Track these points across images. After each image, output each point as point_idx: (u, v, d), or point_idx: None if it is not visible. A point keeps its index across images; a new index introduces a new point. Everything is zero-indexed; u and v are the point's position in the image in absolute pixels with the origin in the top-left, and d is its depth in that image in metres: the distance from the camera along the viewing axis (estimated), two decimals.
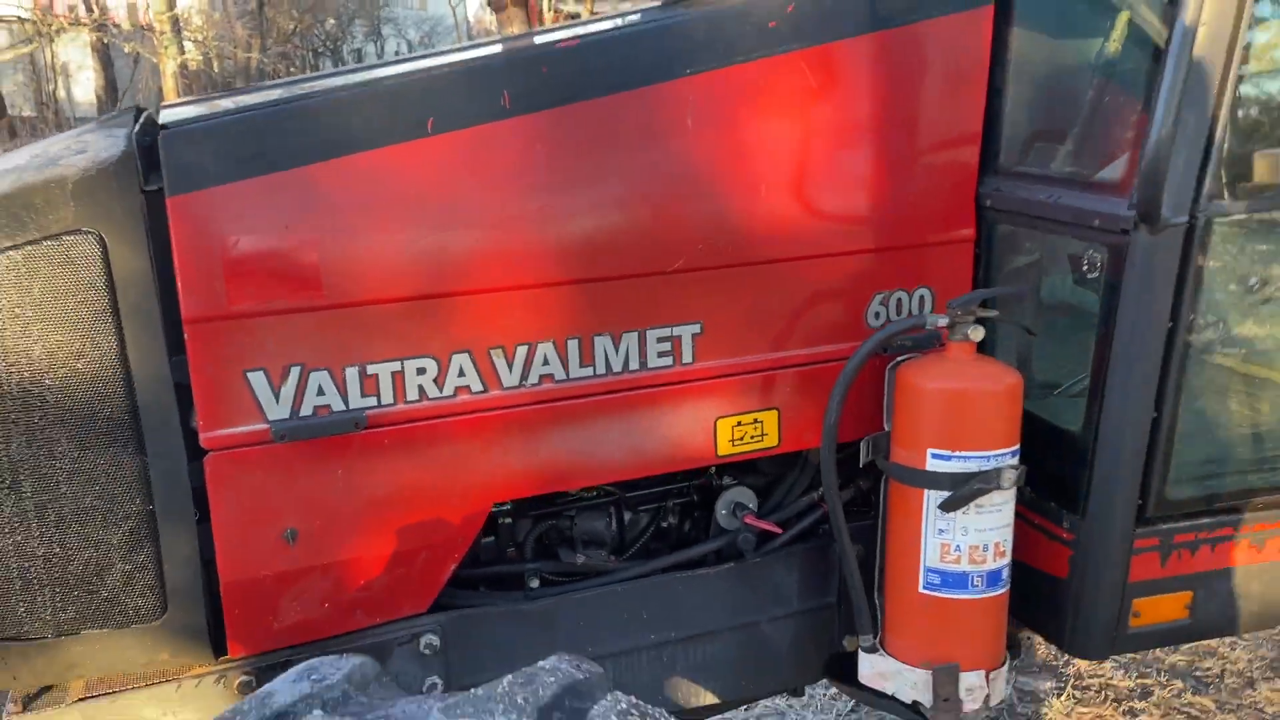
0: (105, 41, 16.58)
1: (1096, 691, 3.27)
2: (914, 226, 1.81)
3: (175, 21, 14.67)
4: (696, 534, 1.91)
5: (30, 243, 1.35)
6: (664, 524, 1.91)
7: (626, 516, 1.87)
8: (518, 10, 1.86)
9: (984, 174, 1.82)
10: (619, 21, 1.88)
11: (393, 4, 33.12)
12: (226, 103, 1.62)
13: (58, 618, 1.46)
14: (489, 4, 1.96)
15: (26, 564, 1.42)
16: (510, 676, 1.01)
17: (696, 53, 1.66)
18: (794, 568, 1.88)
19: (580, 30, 1.81)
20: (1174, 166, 1.51)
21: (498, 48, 1.77)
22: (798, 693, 2.31)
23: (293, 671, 1.11)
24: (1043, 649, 3.51)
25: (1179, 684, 3.27)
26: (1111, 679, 3.33)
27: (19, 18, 19.20)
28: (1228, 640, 3.52)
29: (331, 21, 31.45)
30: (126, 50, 13.60)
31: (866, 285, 1.80)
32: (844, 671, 1.93)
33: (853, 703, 3.27)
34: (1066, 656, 3.46)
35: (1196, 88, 1.49)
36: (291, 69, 23.74)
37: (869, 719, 3.19)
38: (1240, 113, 1.61)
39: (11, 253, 1.35)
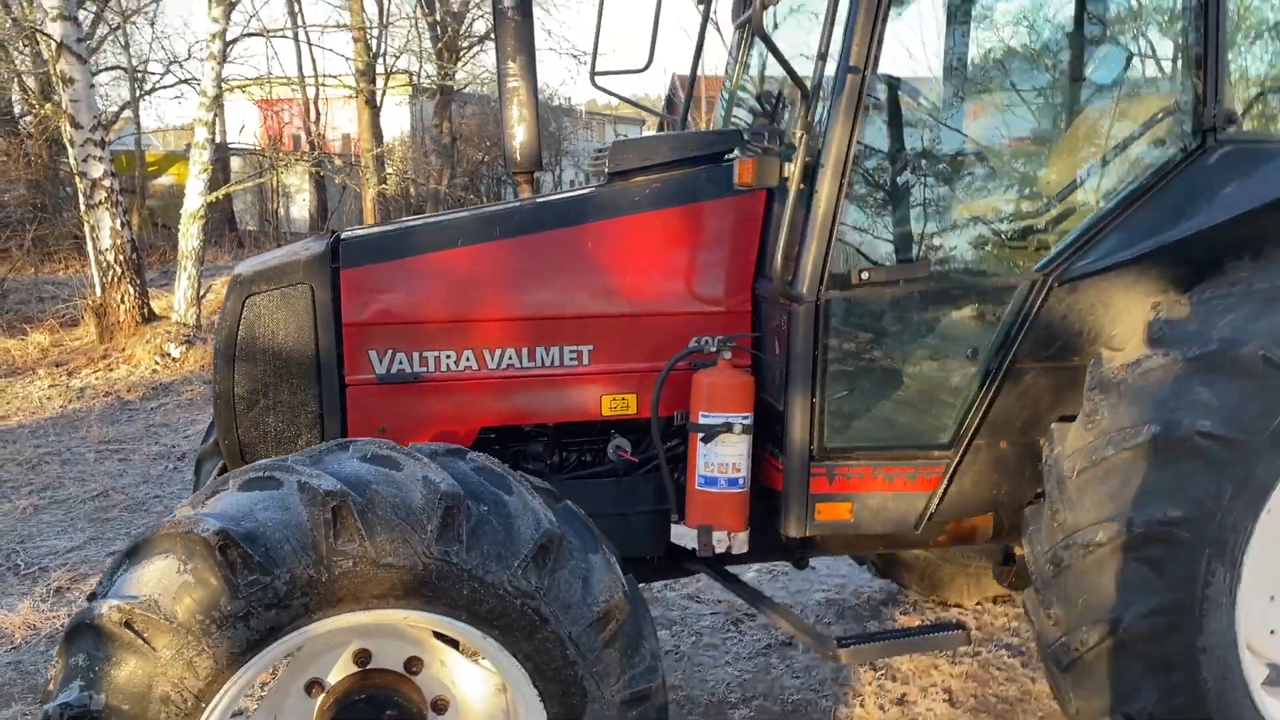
0: (320, 172, 19.66)
1: None
2: (718, 301, 3.40)
3: (377, 157, 17.58)
4: (597, 461, 3.51)
5: (284, 287, 3.14)
6: (583, 457, 3.52)
7: (559, 449, 3.50)
8: (528, 187, 3.21)
9: (756, 275, 3.40)
10: (570, 192, 3.61)
11: (573, 137, 36.48)
12: (378, 228, 3.42)
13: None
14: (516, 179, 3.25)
15: (265, 432, 3.17)
16: (412, 445, 2.60)
17: (600, 209, 3.36)
18: (647, 484, 3.44)
19: (546, 197, 3.55)
20: (810, 269, 3.06)
21: (512, 204, 3.51)
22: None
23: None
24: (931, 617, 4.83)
25: (1004, 653, 4.55)
26: None
27: (252, 150, 22.85)
28: None
29: None
30: (336, 181, 16.46)
31: (690, 331, 3.39)
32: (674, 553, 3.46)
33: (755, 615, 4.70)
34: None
35: (821, 220, 3.04)
36: (472, 196, 26.73)
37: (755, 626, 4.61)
38: (847, 233, 3.14)
39: (275, 291, 3.14)
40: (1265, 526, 2.88)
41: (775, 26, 3.91)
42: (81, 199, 12.16)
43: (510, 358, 3.28)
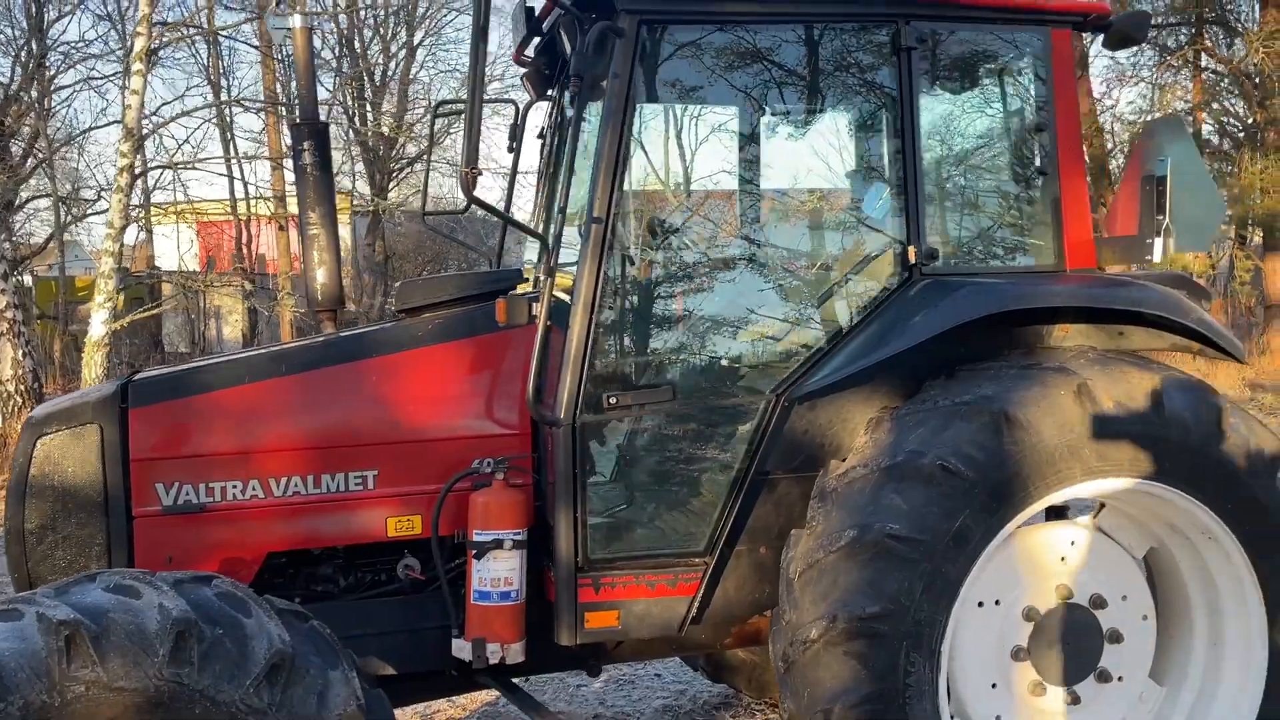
0: (241, 295, 19.86)
1: None
2: (500, 425, 3.65)
3: (293, 280, 17.89)
4: (389, 581, 3.71)
5: (75, 426, 3.36)
6: (377, 577, 3.72)
7: (353, 570, 3.70)
8: (331, 323, 3.49)
9: (530, 403, 3.68)
10: (366, 328, 3.89)
11: (507, 254, 37.07)
12: (171, 368, 3.67)
13: None
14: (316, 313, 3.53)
15: (55, 565, 3.35)
16: (159, 574, 2.80)
17: (385, 344, 3.64)
18: (435, 601, 3.64)
19: (340, 332, 3.83)
20: (566, 396, 3.35)
21: (300, 343, 3.78)
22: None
23: None
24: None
25: None
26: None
27: (181, 272, 23.04)
28: None
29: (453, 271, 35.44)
30: (245, 304, 16.72)
31: (474, 454, 3.63)
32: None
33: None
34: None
35: (575, 351, 3.34)
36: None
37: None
38: (601, 359, 3.44)
39: (68, 430, 3.36)
40: (966, 619, 3.16)
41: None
42: None
43: (296, 485, 3.50)
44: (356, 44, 24.74)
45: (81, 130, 23.43)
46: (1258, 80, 17.42)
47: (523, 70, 4.31)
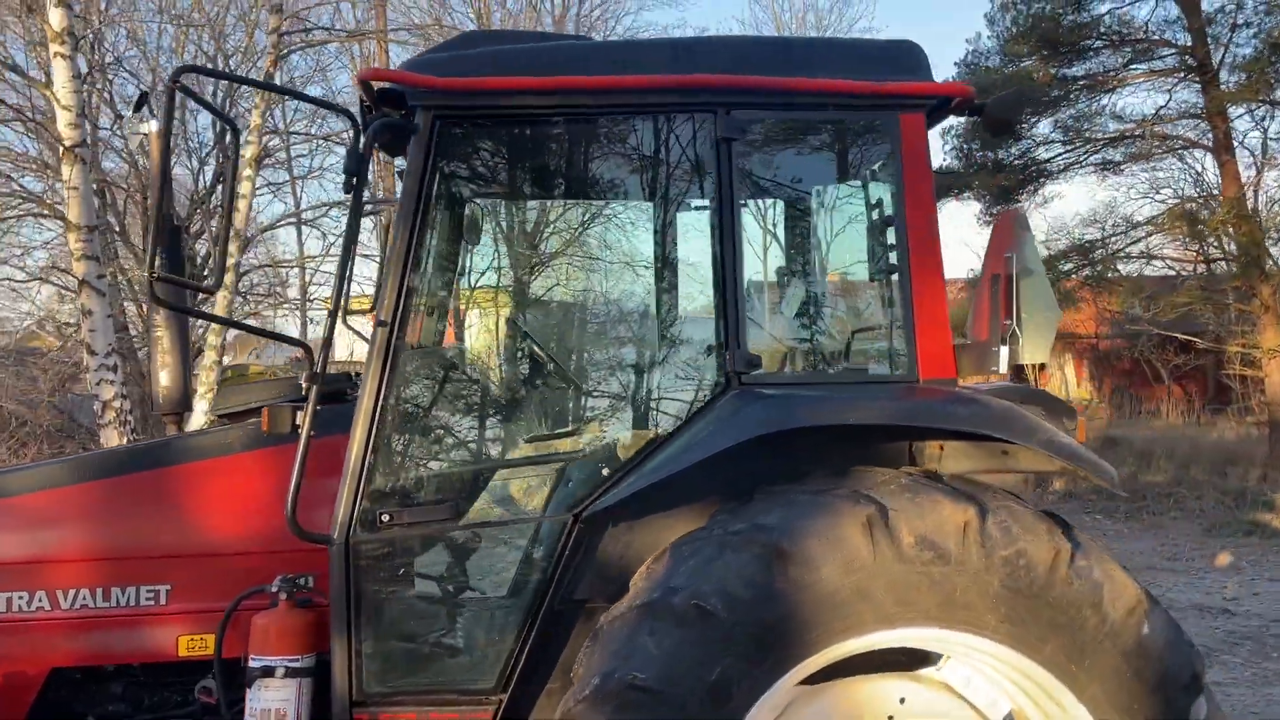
0: None
1: None
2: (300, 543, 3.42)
3: None
4: (188, 702, 3.49)
5: None
6: (175, 697, 3.51)
7: (154, 689, 3.49)
8: (175, 427, 3.43)
9: (289, 520, 3.37)
10: (174, 436, 3.77)
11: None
12: None
13: None
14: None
15: None
16: None
17: (193, 451, 3.49)
18: None
19: (149, 441, 3.70)
20: (341, 512, 3.09)
21: (108, 450, 3.67)
22: None
23: None
24: None
25: None
26: None
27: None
28: None
29: None
30: None
31: (277, 571, 3.41)
32: None
33: None
34: None
35: (353, 464, 3.09)
36: None
37: None
38: (378, 474, 3.16)
39: None
40: None
41: None
42: (96, 418, 13.03)
43: (85, 598, 3.35)
44: None
45: (261, 228, 24.98)
46: None
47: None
